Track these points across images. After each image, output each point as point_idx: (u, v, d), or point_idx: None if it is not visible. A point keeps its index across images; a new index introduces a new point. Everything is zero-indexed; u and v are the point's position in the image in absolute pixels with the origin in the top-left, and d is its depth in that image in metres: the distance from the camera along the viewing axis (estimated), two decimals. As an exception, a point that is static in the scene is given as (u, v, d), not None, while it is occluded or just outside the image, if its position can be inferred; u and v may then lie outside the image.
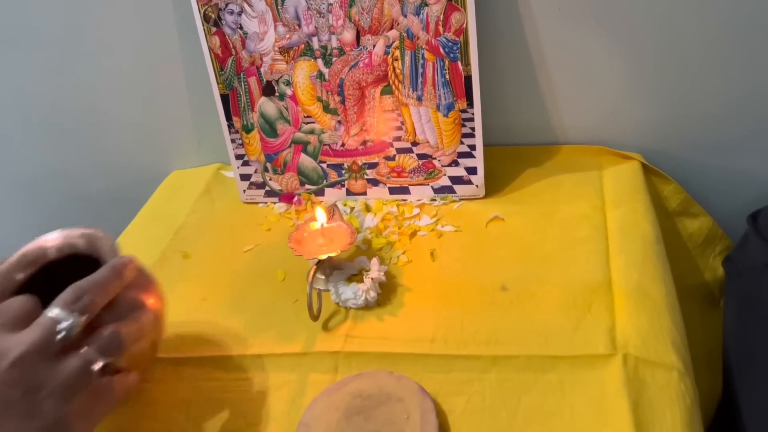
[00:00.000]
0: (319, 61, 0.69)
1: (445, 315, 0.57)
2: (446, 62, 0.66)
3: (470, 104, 0.67)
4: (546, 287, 0.59)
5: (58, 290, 0.42)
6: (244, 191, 0.78)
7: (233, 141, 0.75)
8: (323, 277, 0.61)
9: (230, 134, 0.74)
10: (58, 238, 0.50)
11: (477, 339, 0.55)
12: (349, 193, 0.75)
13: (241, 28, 0.68)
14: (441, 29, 0.64)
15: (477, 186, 0.72)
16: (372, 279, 0.59)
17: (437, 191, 0.73)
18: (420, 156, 0.72)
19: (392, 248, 0.66)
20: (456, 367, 0.53)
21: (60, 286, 0.43)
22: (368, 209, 0.73)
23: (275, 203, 0.77)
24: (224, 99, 0.72)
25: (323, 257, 0.59)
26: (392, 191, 0.74)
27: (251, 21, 0.68)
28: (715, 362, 0.68)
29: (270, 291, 0.63)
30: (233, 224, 0.75)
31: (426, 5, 0.64)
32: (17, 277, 0.48)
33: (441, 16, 0.64)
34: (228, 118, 0.73)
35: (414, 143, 0.71)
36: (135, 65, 0.79)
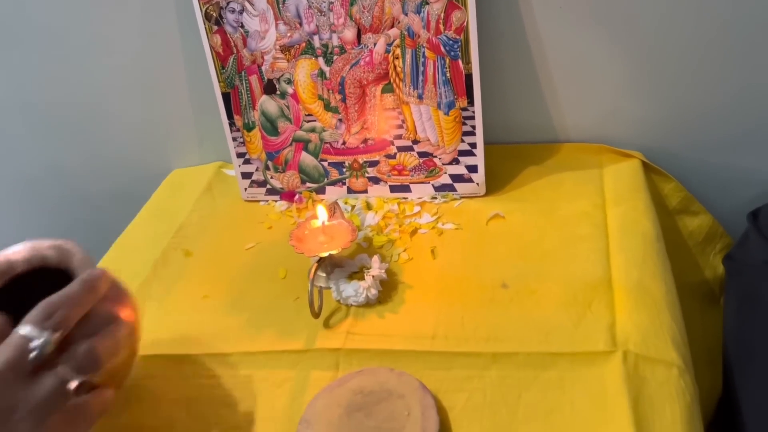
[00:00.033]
0: (320, 60, 0.69)
1: (446, 312, 0.58)
2: (447, 60, 0.66)
3: (471, 102, 0.67)
4: (546, 284, 0.59)
5: (27, 306, 0.40)
6: (246, 189, 0.78)
7: (234, 139, 0.75)
8: (324, 275, 0.61)
9: (231, 132, 0.74)
10: (26, 250, 0.47)
11: (477, 336, 0.55)
12: (350, 191, 0.75)
13: (243, 27, 0.68)
14: (442, 27, 0.65)
15: (477, 184, 0.72)
16: (373, 276, 0.60)
17: (438, 189, 0.73)
18: (421, 154, 0.72)
19: (393, 246, 0.67)
20: (457, 364, 0.53)
21: (29, 302, 0.40)
22: (369, 207, 0.73)
23: (276, 201, 0.77)
24: (225, 97, 0.72)
25: (324, 255, 0.59)
26: (393, 189, 0.74)
27: (252, 19, 0.68)
28: (716, 360, 0.68)
29: (271, 288, 0.64)
30: (234, 222, 0.75)
31: (427, 3, 0.64)
32: None
33: (442, 15, 0.64)
34: (229, 117, 0.73)
35: (415, 141, 0.71)
36: (136, 63, 0.79)
